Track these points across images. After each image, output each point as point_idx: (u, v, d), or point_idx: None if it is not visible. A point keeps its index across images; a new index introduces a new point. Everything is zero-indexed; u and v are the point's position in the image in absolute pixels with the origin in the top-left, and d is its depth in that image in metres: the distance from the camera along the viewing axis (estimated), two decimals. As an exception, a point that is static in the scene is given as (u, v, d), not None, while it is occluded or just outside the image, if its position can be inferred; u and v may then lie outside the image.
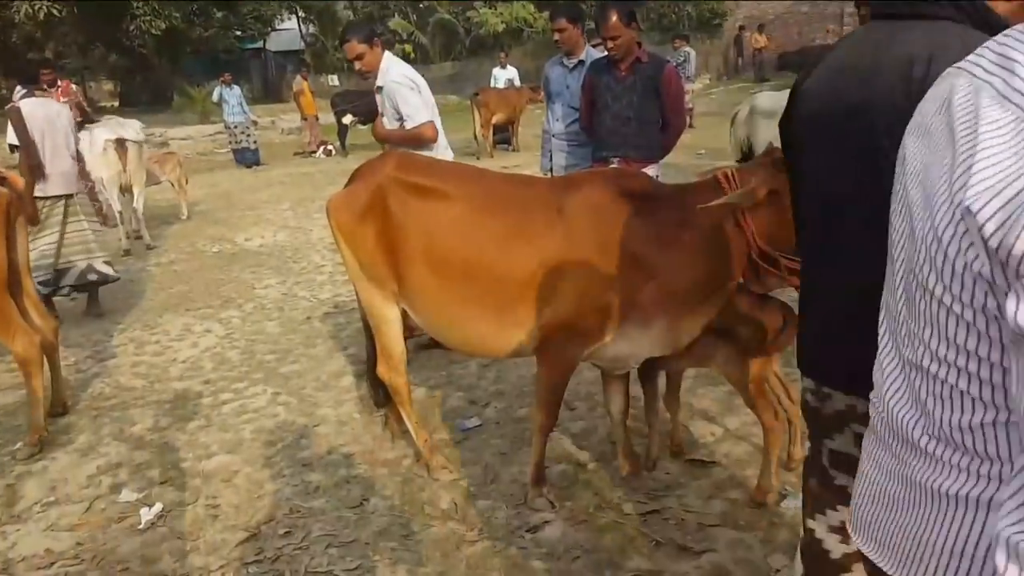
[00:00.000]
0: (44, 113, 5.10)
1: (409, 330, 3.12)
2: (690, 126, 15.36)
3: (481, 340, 2.75)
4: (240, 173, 13.63)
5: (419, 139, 3.89)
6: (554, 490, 2.85)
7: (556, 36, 4.37)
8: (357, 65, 4.03)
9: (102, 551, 2.74)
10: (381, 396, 3.36)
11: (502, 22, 30.71)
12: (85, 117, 8.24)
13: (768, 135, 4.41)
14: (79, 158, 5.61)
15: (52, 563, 2.70)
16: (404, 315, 2.96)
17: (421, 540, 2.66)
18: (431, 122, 3.92)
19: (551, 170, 4.59)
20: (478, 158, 12.96)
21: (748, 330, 2.62)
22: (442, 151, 3.99)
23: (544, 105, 5.04)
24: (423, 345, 4.29)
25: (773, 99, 5.72)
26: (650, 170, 3.96)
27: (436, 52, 33.87)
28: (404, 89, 3.94)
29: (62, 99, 8.39)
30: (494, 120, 13.68)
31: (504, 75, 14.74)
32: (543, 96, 5.09)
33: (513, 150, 14.23)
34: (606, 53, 4.03)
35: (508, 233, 2.58)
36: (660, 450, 3.05)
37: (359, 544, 2.66)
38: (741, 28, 23.10)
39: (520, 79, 15.50)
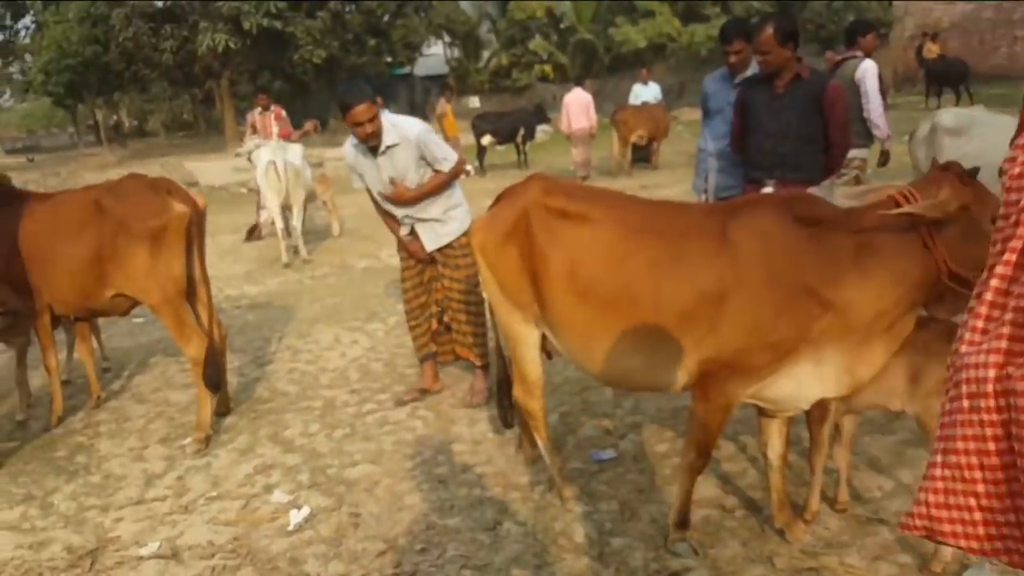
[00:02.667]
0: None
1: (547, 354, 3.13)
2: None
3: (627, 373, 2.66)
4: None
5: (457, 175, 4.04)
6: (697, 535, 2.73)
7: (732, 58, 4.15)
8: (368, 129, 3.79)
9: (255, 548, 2.93)
10: (509, 417, 3.37)
11: (645, 39, 30.44)
12: (287, 138, 9.03)
13: (953, 154, 4.04)
14: None
15: (213, 554, 2.91)
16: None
17: (555, 573, 2.63)
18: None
19: (706, 191, 4.47)
20: (615, 177, 12.89)
21: (939, 365, 2.39)
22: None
23: (681, 122, 4.96)
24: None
25: (958, 117, 5.32)
26: (819, 189, 3.68)
27: (575, 71, 34.12)
28: (432, 135, 4.03)
29: (273, 122, 9.29)
30: (634, 138, 13.52)
31: (647, 92, 14.50)
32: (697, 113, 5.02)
33: (653, 168, 14.02)
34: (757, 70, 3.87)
35: (663, 261, 2.50)
36: (821, 502, 2.82)
37: (492, 569, 2.68)
38: (926, 35, 20.98)
39: (662, 96, 15.26)
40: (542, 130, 17.21)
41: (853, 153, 5.06)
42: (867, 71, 5.20)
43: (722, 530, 2.82)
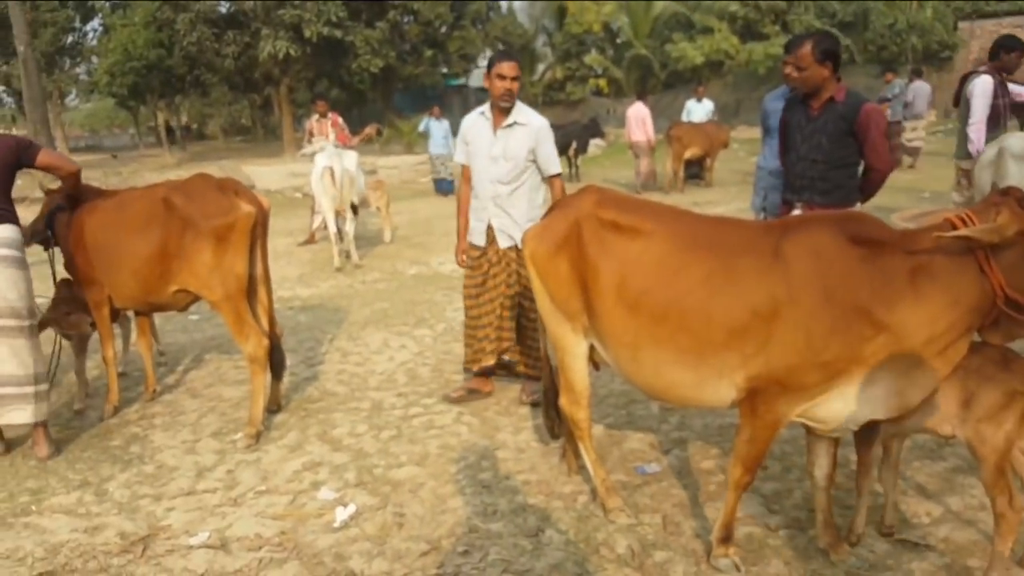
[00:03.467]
0: None
1: (595, 365, 3.14)
2: (911, 167, 14.21)
3: (674, 387, 2.65)
4: (439, 201, 14.46)
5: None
6: (740, 552, 2.71)
7: (797, 73, 4.09)
8: (509, 85, 3.97)
9: (301, 543, 2.98)
10: (556, 427, 3.39)
11: (701, 55, 30.26)
12: (346, 144, 9.25)
13: (1018, 180, 3.94)
14: None
15: (260, 547, 2.98)
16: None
17: (596, 581, 2.64)
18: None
19: (764, 209, 4.43)
20: (667, 193, 12.84)
21: (993, 390, 2.33)
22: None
23: (737, 140, 4.99)
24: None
25: None
26: None
27: (630, 86, 34.08)
28: (551, 135, 4.12)
29: (330, 129, 9.55)
30: (688, 154, 13.47)
31: (701, 108, 14.41)
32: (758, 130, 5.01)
33: (705, 185, 13.92)
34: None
35: (715, 276, 2.50)
36: (867, 525, 2.79)
37: (534, 574, 2.69)
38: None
39: (716, 114, 15.14)
40: (595, 144, 17.22)
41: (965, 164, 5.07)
42: (977, 86, 5.19)
43: (766, 548, 2.79)
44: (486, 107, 4.18)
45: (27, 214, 4.40)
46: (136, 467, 3.74)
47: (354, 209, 8.81)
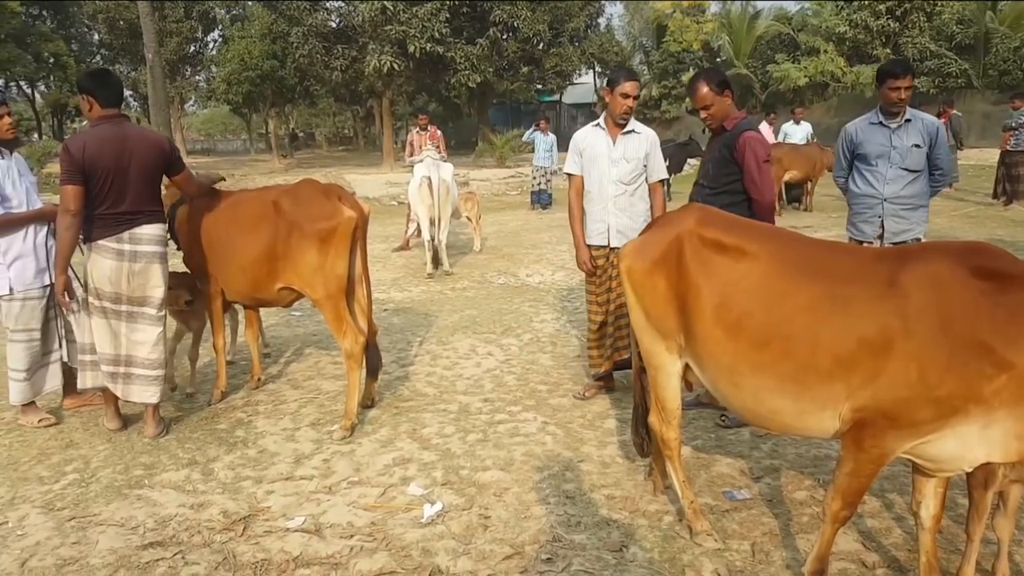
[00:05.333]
0: None
1: (688, 385, 3.12)
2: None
3: (774, 413, 2.58)
4: (527, 214, 14.60)
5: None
6: (833, 586, 2.63)
7: (903, 93, 4.13)
8: (631, 104, 4.30)
9: (390, 535, 3.08)
10: (645, 446, 3.37)
11: (805, 76, 29.42)
12: (441, 157, 9.55)
13: None
14: None
15: (352, 535, 3.09)
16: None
17: (680, 601, 2.62)
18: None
19: (881, 237, 4.35)
20: (780, 215, 12.54)
21: None
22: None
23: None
24: (694, 403, 4.25)
25: None
26: None
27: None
28: (659, 143, 4.46)
29: (428, 142, 9.89)
30: (787, 177, 13.11)
31: (799, 131, 14.03)
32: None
33: (805, 210, 13.52)
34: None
35: (823, 302, 2.43)
36: (976, 574, 2.63)
37: (617, 587, 2.69)
38: None
39: (815, 136, 14.69)
40: (691, 164, 17.01)
41: None
42: None
43: (860, 586, 2.69)
44: (600, 120, 4.48)
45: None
46: (240, 450, 3.96)
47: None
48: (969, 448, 2.25)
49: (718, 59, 34.33)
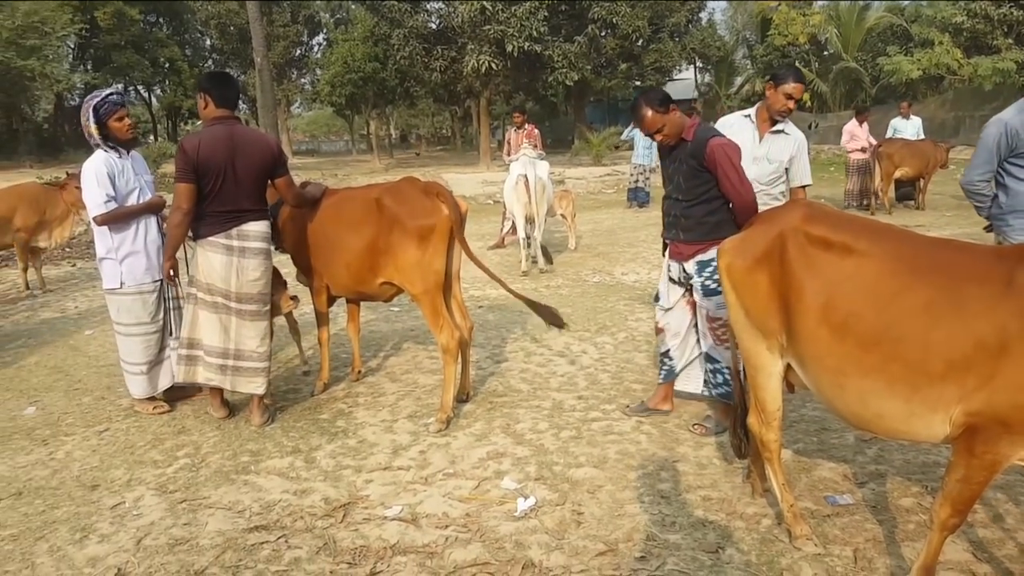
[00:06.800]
0: None
1: (789, 386, 3.03)
2: None
3: (881, 417, 2.49)
4: (623, 212, 14.45)
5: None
6: (940, 597, 2.52)
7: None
8: (792, 105, 4.14)
9: (484, 527, 3.14)
10: (743, 447, 3.30)
11: (918, 69, 27.85)
12: (539, 155, 9.64)
13: None
14: None
15: (447, 526, 3.17)
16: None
17: (777, 605, 2.56)
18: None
19: None
20: (873, 214, 11.98)
21: None
22: None
23: (954, 161, 4.48)
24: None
25: None
26: (714, 250, 3.58)
27: (836, 100, 32.12)
28: (807, 147, 4.23)
29: (525, 140, 9.98)
30: (899, 174, 12.48)
31: (908, 127, 13.27)
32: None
33: (918, 208, 12.82)
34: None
35: (935, 303, 2.33)
36: None
37: (712, 589, 2.65)
38: None
39: (928, 132, 13.89)
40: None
41: None
42: None
43: (971, 598, 2.56)
44: (751, 111, 4.32)
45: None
46: (341, 440, 4.12)
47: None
48: None
49: (825, 52, 32.97)
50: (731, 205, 3.78)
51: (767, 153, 4.21)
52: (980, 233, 4.71)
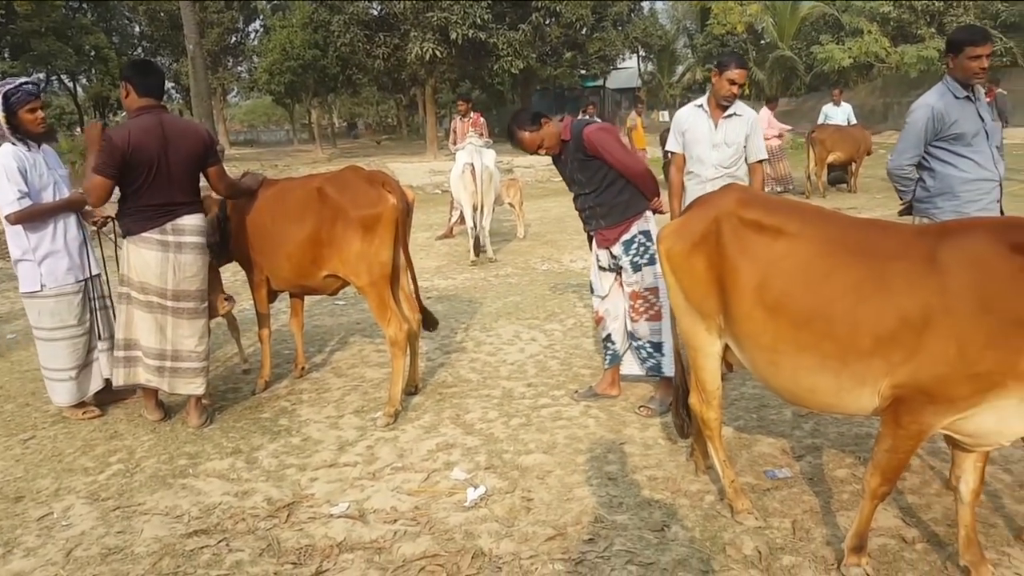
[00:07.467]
0: None
1: (728, 366, 3.11)
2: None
3: (814, 392, 2.59)
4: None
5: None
6: (873, 563, 2.63)
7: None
8: (736, 90, 4.33)
9: (434, 519, 3.13)
10: (686, 426, 3.37)
11: (849, 57, 28.77)
12: (486, 143, 9.58)
13: None
14: None
15: (395, 520, 3.14)
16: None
17: (720, 580, 2.63)
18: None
19: None
20: (808, 197, 12.32)
21: None
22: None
23: (884, 146, 4.64)
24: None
25: None
26: (635, 227, 4.04)
27: (773, 88, 32.84)
28: (759, 125, 4.55)
29: (471, 129, 9.89)
30: (831, 159, 12.89)
31: (838, 113, 13.68)
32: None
33: (850, 191, 13.25)
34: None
35: (863, 281, 2.42)
36: (1016, 547, 2.65)
37: (657, 568, 2.71)
38: None
39: (858, 118, 14.36)
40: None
41: None
42: None
43: (900, 561, 2.69)
44: (703, 100, 4.53)
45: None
46: (284, 438, 4.03)
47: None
48: (1007, 422, 2.26)
49: (762, 41, 33.65)
50: (629, 180, 4.01)
51: (724, 138, 4.40)
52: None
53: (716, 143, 4.41)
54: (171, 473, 3.68)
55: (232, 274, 5.10)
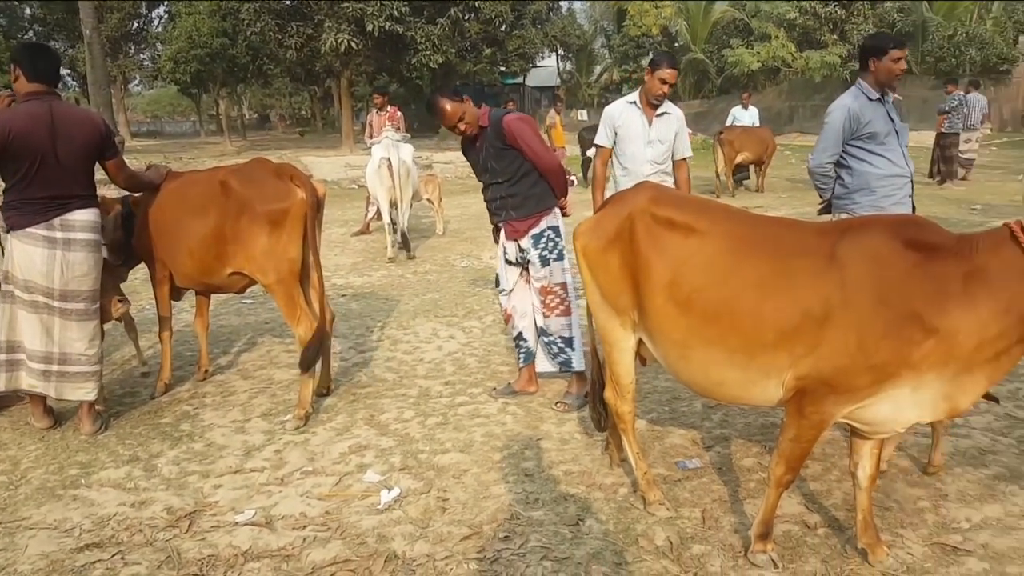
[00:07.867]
0: None
1: (642, 360, 3.14)
2: (963, 179, 13.93)
3: (722, 385, 2.66)
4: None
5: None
6: (778, 549, 2.71)
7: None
8: (667, 89, 4.41)
9: (345, 523, 3.03)
10: (602, 420, 3.40)
11: (758, 61, 29.96)
12: (403, 137, 9.38)
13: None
14: None
15: (304, 526, 3.03)
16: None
17: (633, 572, 2.65)
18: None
19: None
20: (718, 196, 12.70)
21: None
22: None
23: (789, 147, 4.84)
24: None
25: None
26: (544, 221, 4.07)
27: (686, 90, 33.80)
28: (685, 122, 4.67)
29: (387, 123, 9.66)
30: (739, 159, 13.37)
31: (746, 116, 14.20)
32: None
33: (757, 190, 13.78)
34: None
35: (767, 276, 2.50)
36: (906, 530, 2.79)
37: (572, 562, 2.71)
38: None
39: (765, 120, 14.99)
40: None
41: None
42: None
43: (803, 546, 2.78)
44: (634, 96, 4.59)
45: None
46: (185, 444, 3.83)
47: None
48: (902, 411, 2.38)
49: (676, 43, 34.55)
50: (542, 174, 4.02)
51: (658, 135, 4.52)
52: (813, 213, 5.09)
53: (651, 140, 4.51)
54: (61, 484, 3.44)
55: (132, 271, 4.81)
